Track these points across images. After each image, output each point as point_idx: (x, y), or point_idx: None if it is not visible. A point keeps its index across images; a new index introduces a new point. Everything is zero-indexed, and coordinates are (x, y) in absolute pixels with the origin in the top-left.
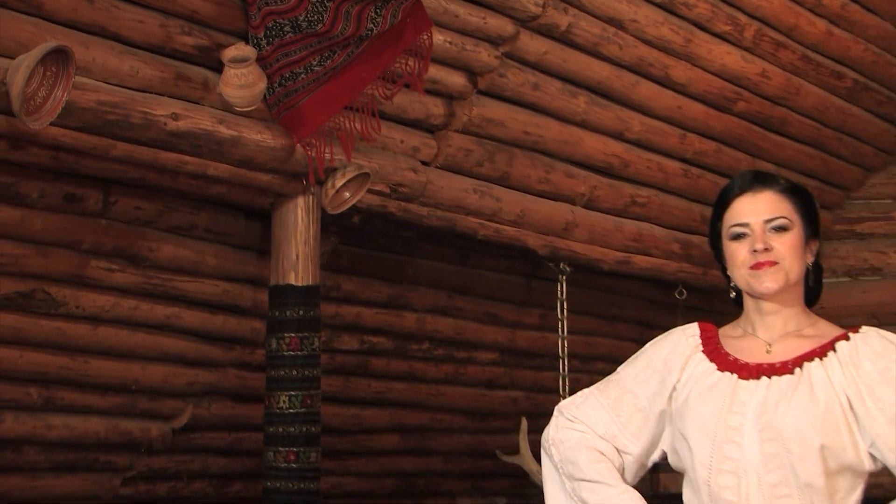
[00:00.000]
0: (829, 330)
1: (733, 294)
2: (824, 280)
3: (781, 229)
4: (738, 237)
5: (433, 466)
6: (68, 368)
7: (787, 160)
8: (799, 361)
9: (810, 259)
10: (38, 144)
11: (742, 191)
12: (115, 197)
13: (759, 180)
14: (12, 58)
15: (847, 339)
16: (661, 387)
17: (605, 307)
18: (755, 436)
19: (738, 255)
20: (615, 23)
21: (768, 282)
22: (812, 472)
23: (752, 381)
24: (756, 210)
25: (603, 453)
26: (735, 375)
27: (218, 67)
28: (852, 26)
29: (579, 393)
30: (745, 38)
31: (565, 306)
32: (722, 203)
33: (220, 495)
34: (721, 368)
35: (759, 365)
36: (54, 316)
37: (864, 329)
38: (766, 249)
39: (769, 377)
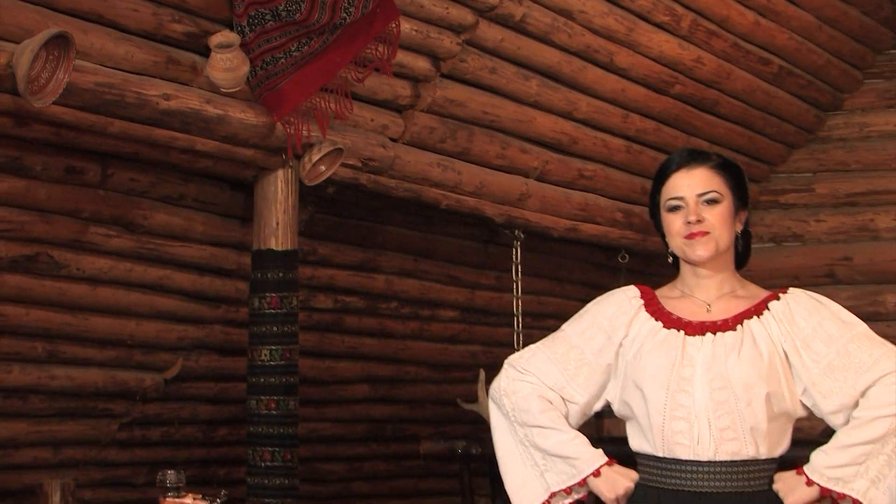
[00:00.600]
0: (758, 291)
1: (671, 259)
2: (754, 245)
3: (713, 202)
4: (674, 209)
5: (400, 413)
6: (70, 325)
7: (718, 138)
8: (739, 319)
9: (739, 228)
10: (41, 121)
11: (678, 167)
12: (111, 170)
13: (693, 157)
14: (17, 43)
15: (777, 298)
16: (608, 343)
17: (555, 270)
18: (705, 385)
19: (674, 225)
20: (565, 13)
21: (700, 250)
22: (757, 417)
23: (699, 337)
24: (690, 185)
25: (551, 402)
26: (682, 332)
27: (205, 52)
28: (777, 17)
29: (528, 348)
30: (682, 28)
31: (519, 269)
32: (660, 178)
33: (207, 439)
34: (667, 326)
35: (703, 322)
36: (57, 277)
37: (792, 290)
38: (699, 221)
39: (714, 333)
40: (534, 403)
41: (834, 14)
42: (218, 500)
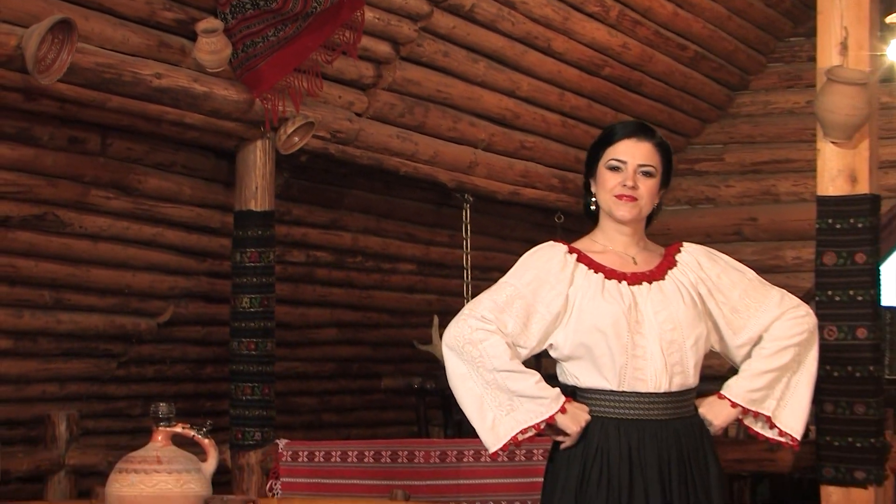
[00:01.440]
0: (658, 246)
1: (593, 207)
2: (672, 207)
3: (648, 175)
4: (614, 168)
5: (364, 353)
6: (73, 276)
7: (642, 114)
8: (664, 269)
9: (656, 201)
10: (47, 97)
11: (628, 135)
12: (110, 140)
13: (642, 131)
14: (26, 27)
15: (679, 251)
16: (555, 294)
17: (500, 229)
18: (656, 327)
19: (610, 182)
20: (508, 4)
21: (625, 212)
22: (698, 354)
23: (639, 286)
24: (634, 154)
25: (510, 346)
26: (624, 282)
27: (192, 37)
28: (693, 8)
29: (480, 300)
30: (611, 17)
31: (468, 228)
32: (608, 139)
33: (195, 376)
34: (608, 277)
35: (636, 273)
36: (62, 234)
37: (686, 244)
38: (634, 188)
39: (650, 283)
40: (502, 350)
41: (741, 6)
42: (204, 429)
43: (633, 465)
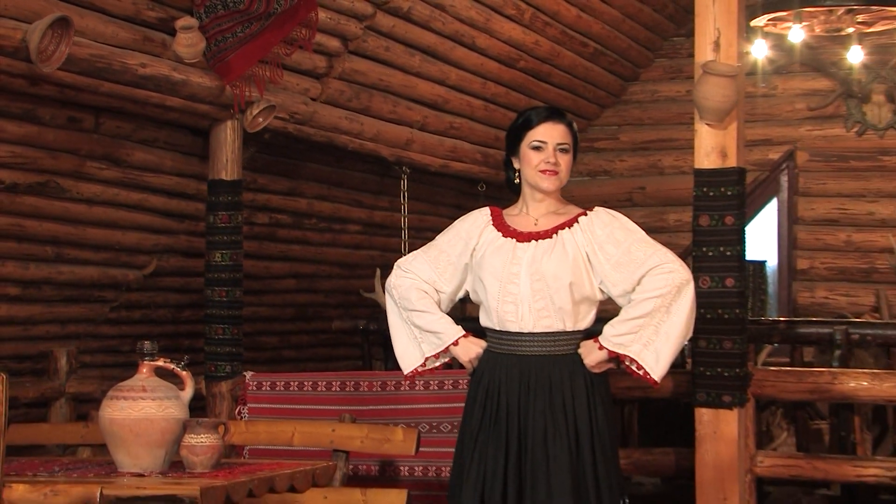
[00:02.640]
0: (574, 209)
1: (517, 181)
2: (575, 178)
3: (565, 151)
4: (536, 148)
5: (318, 300)
6: (72, 234)
7: (550, 99)
8: (555, 230)
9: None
10: (49, 83)
11: (545, 119)
12: (102, 119)
13: (557, 115)
14: (30, 23)
15: (585, 214)
16: (465, 248)
17: (432, 196)
18: (528, 278)
19: (534, 160)
20: (439, 7)
21: (548, 184)
22: (563, 300)
23: (525, 244)
24: (553, 135)
25: (426, 293)
26: (514, 240)
27: (172, 33)
28: (593, 12)
29: (411, 253)
30: (525, 19)
31: (406, 195)
32: (528, 123)
33: (175, 319)
34: (505, 235)
35: (530, 233)
36: (62, 199)
37: (596, 208)
38: (555, 164)
39: (536, 241)
40: (413, 294)
41: (633, 10)
42: (182, 363)
43: (500, 391)
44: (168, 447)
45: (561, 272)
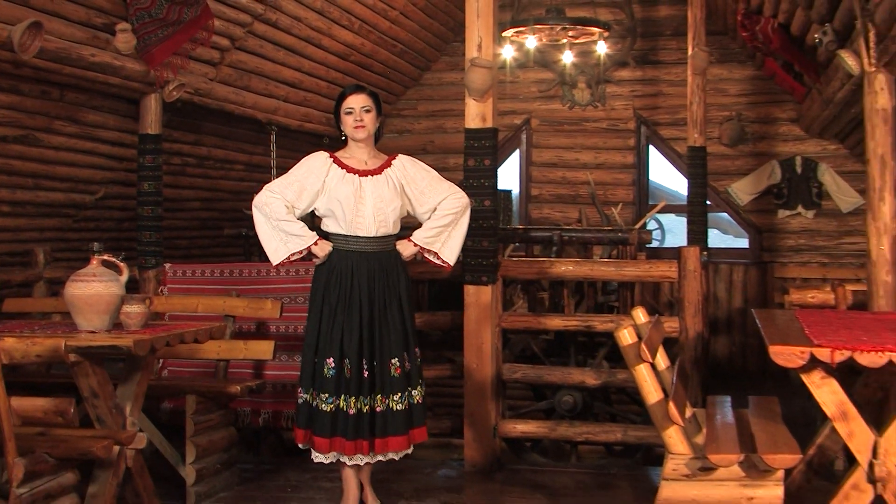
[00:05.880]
0: (383, 155)
1: (343, 137)
2: (389, 135)
3: (368, 111)
4: (348, 113)
5: (215, 216)
6: (45, 170)
7: (372, 83)
8: (382, 168)
9: (377, 125)
10: (27, 66)
11: (352, 92)
12: (66, 92)
13: (359, 88)
14: (13, 25)
15: (395, 158)
16: (317, 179)
17: (291, 145)
18: (371, 200)
19: (348, 121)
20: (297, 18)
21: (360, 135)
22: (393, 215)
23: (365, 178)
24: (358, 102)
25: (288, 208)
26: (357, 175)
27: (113, 33)
28: (401, 24)
29: (275, 181)
30: (354, 27)
31: (274, 145)
32: (342, 97)
33: (117, 227)
34: (349, 172)
35: (365, 170)
36: (38, 146)
37: (400, 155)
38: (361, 120)
39: (372, 176)
40: (281, 209)
41: (427, 24)
42: (121, 257)
43: (353, 275)
44: (111, 314)
45: (392, 197)
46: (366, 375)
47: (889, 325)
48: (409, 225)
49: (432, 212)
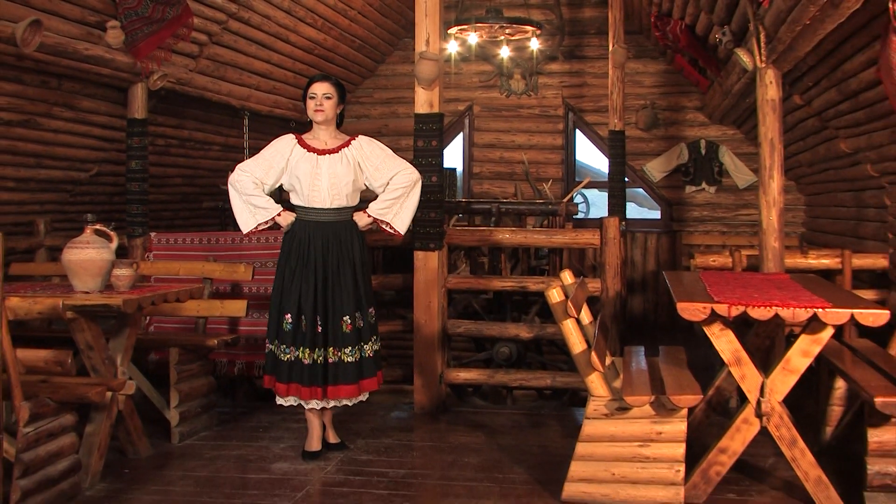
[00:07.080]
0: (346, 136)
1: (309, 119)
2: (349, 120)
3: (328, 98)
4: (311, 98)
5: (195, 190)
6: (46, 150)
7: (335, 74)
8: (340, 148)
9: (339, 110)
10: (29, 59)
11: (317, 81)
12: (63, 81)
13: (324, 77)
14: (16, 22)
15: (355, 139)
16: (282, 158)
17: (263, 128)
18: (327, 176)
19: (311, 105)
20: (267, 16)
21: (318, 118)
22: (349, 189)
23: (323, 156)
24: (320, 89)
25: (256, 184)
26: (315, 154)
27: (105, 29)
28: (360, 22)
29: (246, 161)
30: (318, 25)
31: (247, 128)
32: (309, 84)
33: (109, 201)
34: (309, 151)
35: (324, 150)
36: (39, 129)
37: (360, 136)
38: (321, 105)
39: (329, 154)
40: (250, 185)
41: (381, 21)
42: (111, 226)
43: (310, 242)
44: (103, 277)
45: (346, 173)
46: (319, 330)
47: (777, 284)
48: (367, 198)
49: (386, 186)
